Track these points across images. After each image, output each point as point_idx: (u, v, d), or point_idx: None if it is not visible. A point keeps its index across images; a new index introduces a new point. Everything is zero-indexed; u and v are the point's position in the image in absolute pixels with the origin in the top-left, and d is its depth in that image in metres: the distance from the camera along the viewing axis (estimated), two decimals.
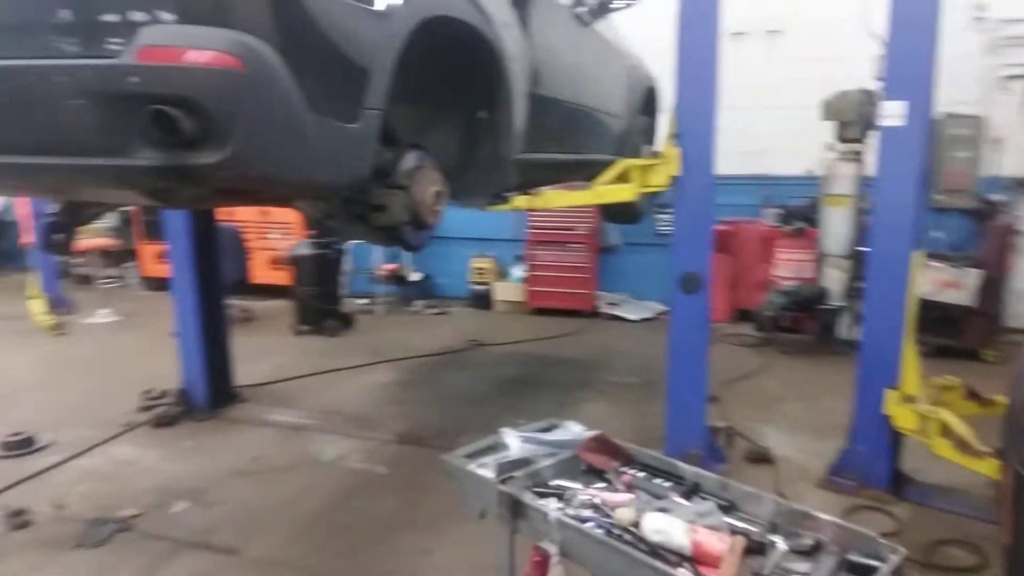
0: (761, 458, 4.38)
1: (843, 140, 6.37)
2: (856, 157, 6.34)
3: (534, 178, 3.77)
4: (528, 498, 1.94)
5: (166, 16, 1.82)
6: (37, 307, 7.70)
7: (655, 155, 4.04)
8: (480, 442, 2.30)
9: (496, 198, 3.51)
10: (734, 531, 1.76)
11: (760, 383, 5.86)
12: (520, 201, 3.57)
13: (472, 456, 2.22)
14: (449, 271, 9.08)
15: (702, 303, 3.98)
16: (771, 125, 7.47)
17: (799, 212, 7.21)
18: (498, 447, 2.27)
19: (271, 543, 3.47)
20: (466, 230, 8.93)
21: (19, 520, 3.58)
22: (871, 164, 4.56)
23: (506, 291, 8.58)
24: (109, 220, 9.48)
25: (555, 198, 3.82)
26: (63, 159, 2.00)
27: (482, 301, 8.63)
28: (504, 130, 3.13)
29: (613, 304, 8.20)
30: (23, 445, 4.45)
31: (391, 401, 5.46)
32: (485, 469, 2.09)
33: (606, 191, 3.81)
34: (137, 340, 7.06)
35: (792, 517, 1.85)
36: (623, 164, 3.86)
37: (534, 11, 3.39)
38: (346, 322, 7.53)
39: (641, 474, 2.13)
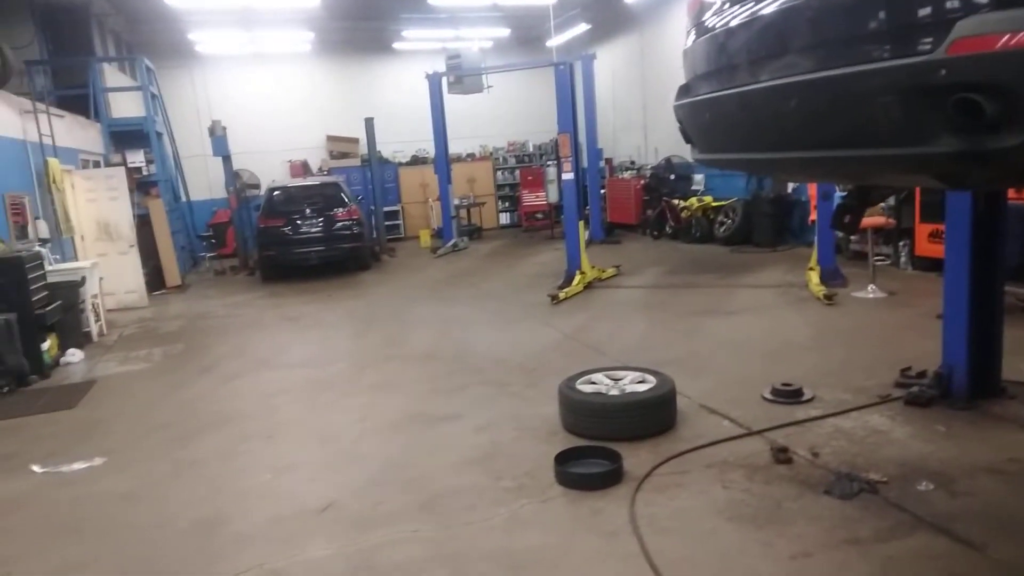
0: None
1: None
2: None
3: None
4: None
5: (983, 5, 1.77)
6: (813, 278, 8.63)
7: None
8: None
9: None
10: None
11: None
12: None
13: None
14: None
15: None
16: None
17: None
18: None
19: (1020, 548, 3.14)
20: None
21: (783, 456, 4.20)
22: None
23: None
24: (887, 200, 9.80)
25: None
26: (866, 151, 2.24)
27: None
28: None
29: None
30: (792, 395, 5.14)
31: None
32: None
33: None
34: (898, 317, 7.15)
35: None
36: None
37: None
38: None
39: None
